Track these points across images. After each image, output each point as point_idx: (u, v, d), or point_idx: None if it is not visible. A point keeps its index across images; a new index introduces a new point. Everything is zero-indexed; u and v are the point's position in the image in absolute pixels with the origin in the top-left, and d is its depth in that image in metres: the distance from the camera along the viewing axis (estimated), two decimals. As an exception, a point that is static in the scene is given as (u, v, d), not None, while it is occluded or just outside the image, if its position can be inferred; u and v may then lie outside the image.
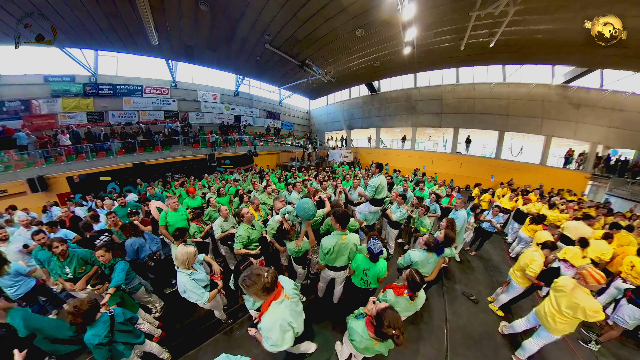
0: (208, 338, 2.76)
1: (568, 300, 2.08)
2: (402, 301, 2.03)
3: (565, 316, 2.09)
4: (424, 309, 3.20)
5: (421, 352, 2.62)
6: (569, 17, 6.31)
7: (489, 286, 3.86)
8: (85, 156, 8.88)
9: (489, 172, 11.30)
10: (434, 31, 8.12)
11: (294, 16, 7.45)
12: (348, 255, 2.46)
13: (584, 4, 5.73)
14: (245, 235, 2.82)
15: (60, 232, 3.55)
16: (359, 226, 3.18)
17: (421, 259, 2.52)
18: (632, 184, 8.49)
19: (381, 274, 2.34)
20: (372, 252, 2.25)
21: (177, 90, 12.85)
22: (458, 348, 2.70)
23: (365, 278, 2.36)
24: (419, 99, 14.05)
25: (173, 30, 8.38)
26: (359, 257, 2.42)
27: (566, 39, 7.25)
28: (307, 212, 2.34)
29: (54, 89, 9.79)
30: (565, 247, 3.54)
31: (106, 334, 1.68)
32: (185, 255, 2.08)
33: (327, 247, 2.38)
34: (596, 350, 2.78)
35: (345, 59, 10.79)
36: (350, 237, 2.43)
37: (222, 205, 4.86)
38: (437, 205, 4.81)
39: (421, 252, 2.54)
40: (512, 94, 11.37)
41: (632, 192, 8.35)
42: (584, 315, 2.00)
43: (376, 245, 2.25)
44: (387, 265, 2.43)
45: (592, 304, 2.00)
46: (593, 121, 10.11)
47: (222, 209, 3.55)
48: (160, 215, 3.55)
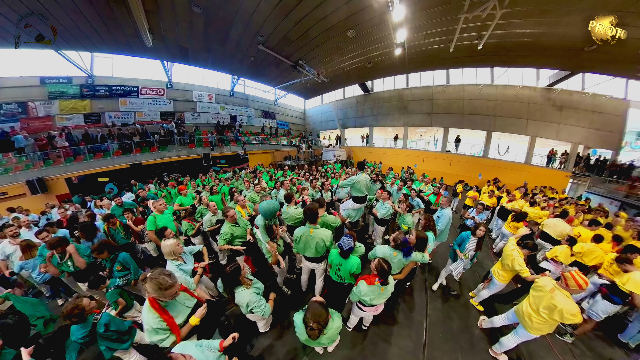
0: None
1: (546, 301, 2.03)
2: (373, 289, 2.08)
3: (541, 316, 2.05)
4: (406, 303, 3.28)
5: (400, 345, 2.63)
6: (554, 21, 6.38)
7: (471, 281, 3.89)
8: (83, 157, 8.75)
9: (477, 170, 11.39)
10: (423, 33, 8.07)
11: (285, 17, 7.32)
12: (315, 248, 2.53)
13: (568, 9, 5.81)
14: (229, 233, 2.86)
15: (59, 232, 3.53)
16: (340, 223, 3.13)
17: (385, 254, 2.47)
18: (609, 182, 8.77)
19: (353, 270, 2.31)
20: (342, 247, 2.26)
21: (172, 91, 12.62)
22: (436, 341, 2.71)
23: (339, 272, 2.37)
24: (411, 99, 14.05)
25: (167, 32, 8.19)
26: (333, 252, 2.44)
27: (550, 42, 7.34)
28: (267, 213, 2.66)
29: (50, 90, 9.55)
30: (554, 247, 3.57)
31: (83, 336, 1.72)
32: (168, 248, 2.20)
33: (296, 236, 2.61)
34: (570, 342, 2.83)
35: (337, 60, 10.68)
36: (318, 232, 2.51)
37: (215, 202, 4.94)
38: (419, 199, 4.80)
39: (387, 248, 2.53)
40: (500, 95, 11.50)
41: (608, 190, 8.62)
42: (561, 317, 1.94)
43: (346, 242, 2.25)
44: (360, 262, 2.40)
45: (569, 306, 1.93)
46: (575, 122, 10.35)
47: (210, 205, 3.62)
48: (148, 220, 3.39)
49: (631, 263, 2.65)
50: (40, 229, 2.97)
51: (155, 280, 1.48)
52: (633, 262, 2.67)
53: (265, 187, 5.85)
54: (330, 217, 3.03)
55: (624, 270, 2.68)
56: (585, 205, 6.52)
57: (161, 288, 1.48)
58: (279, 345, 2.57)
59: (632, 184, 8.02)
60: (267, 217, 2.73)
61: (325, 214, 3.03)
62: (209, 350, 1.41)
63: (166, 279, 1.50)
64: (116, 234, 3.42)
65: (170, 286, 1.51)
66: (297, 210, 3.36)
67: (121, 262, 2.61)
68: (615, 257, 2.85)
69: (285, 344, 2.58)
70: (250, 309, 1.93)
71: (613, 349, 2.81)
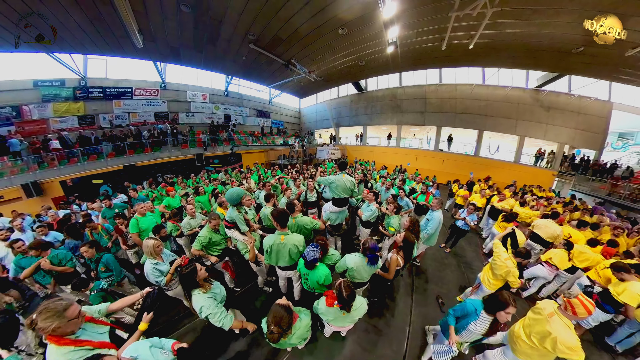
0: (183, 326, 2.71)
1: (540, 326, 1.70)
2: (333, 311, 1.77)
3: (531, 341, 1.71)
4: (389, 309, 3.08)
5: (378, 354, 2.48)
6: (544, 22, 6.28)
7: (459, 284, 3.74)
8: (77, 160, 8.49)
9: (468, 168, 11.29)
10: (415, 31, 7.85)
11: (275, 16, 7.03)
12: (289, 255, 2.29)
13: (557, 10, 5.74)
14: (207, 237, 2.68)
15: (50, 234, 3.45)
16: (319, 226, 2.83)
17: (356, 264, 2.16)
18: (592, 180, 8.94)
19: (322, 281, 2.04)
20: (305, 258, 1.99)
21: (166, 92, 12.24)
22: (416, 350, 2.55)
23: (307, 282, 2.15)
24: (404, 97, 13.85)
25: (157, 33, 7.87)
26: (300, 261, 2.18)
27: (540, 44, 7.28)
28: (232, 199, 2.53)
29: (44, 93, 9.22)
30: (549, 250, 3.44)
31: None
32: (148, 248, 2.21)
33: (266, 246, 2.31)
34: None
35: (330, 58, 10.39)
36: (290, 238, 2.27)
37: (201, 203, 4.70)
38: (408, 199, 4.60)
39: (357, 257, 2.20)
40: (491, 95, 11.44)
41: (592, 188, 8.79)
42: (553, 347, 1.56)
43: (310, 252, 1.99)
44: (330, 272, 2.13)
45: (566, 337, 1.54)
46: (561, 123, 10.45)
47: (187, 207, 3.46)
48: (131, 223, 3.28)
49: (629, 272, 2.43)
50: (14, 239, 2.82)
51: (47, 308, 1.22)
52: (630, 272, 2.45)
53: (252, 188, 5.65)
54: (305, 218, 2.76)
55: (619, 278, 2.48)
56: (573, 204, 6.50)
57: (59, 312, 1.22)
58: (256, 349, 2.42)
59: (614, 183, 8.17)
60: (232, 202, 2.54)
61: (300, 215, 2.78)
62: (163, 353, 1.35)
63: (60, 301, 1.27)
64: (100, 239, 3.34)
65: (69, 305, 1.27)
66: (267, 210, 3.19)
67: (104, 263, 2.58)
68: (611, 263, 2.63)
69: (263, 346, 2.43)
70: (205, 316, 1.69)
71: (600, 353, 2.70)
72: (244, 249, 2.79)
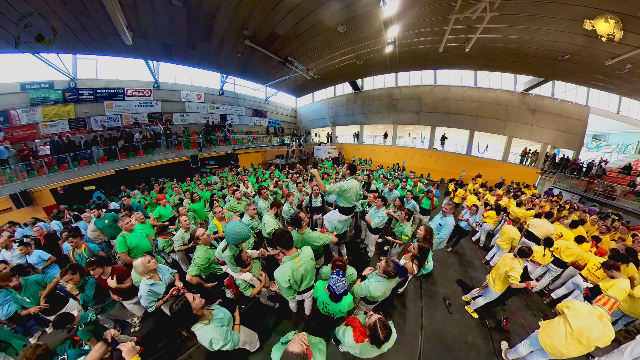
0: (185, 351, 2.51)
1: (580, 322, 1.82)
2: (361, 346, 1.52)
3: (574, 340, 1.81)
4: (400, 315, 3.04)
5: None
6: (535, 29, 6.41)
7: (462, 280, 3.82)
8: (67, 166, 7.92)
9: (461, 167, 11.59)
10: (414, 31, 7.71)
11: (272, 10, 6.61)
12: (311, 274, 2.04)
13: (548, 19, 5.90)
14: (205, 257, 2.34)
15: (34, 253, 3.08)
16: (329, 240, 2.50)
17: (383, 292, 1.94)
18: (571, 178, 9.61)
19: (345, 310, 1.83)
20: (334, 292, 1.71)
21: (160, 92, 11.55)
22: (431, 354, 2.55)
23: (326, 309, 1.90)
24: (400, 97, 13.83)
25: (148, 29, 7.28)
26: (318, 287, 1.91)
27: (530, 50, 7.52)
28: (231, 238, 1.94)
29: (32, 97, 8.51)
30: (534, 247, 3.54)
31: None
32: (140, 268, 2.03)
33: (285, 280, 1.84)
34: None
35: (328, 56, 10.07)
36: (304, 256, 1.95)
37: (195, 211, 4.27)
38: (415, 202, 4.55)
39: (382, 284, 1.94)
40: (482, 97, 11.69)
41: (570, 185, 9.41)
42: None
43: (339, 285, 1.69)
44: (352, 299, 1.92)
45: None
46: (545, 125, 10.95)
47: (181, 220, 3.10)
48: (117, 242, 2.84)
49: (618, 269, 2.60)
50: None
51: None
52: (620, 269, 2.63)
53: (249, 193, 5.12)
54: (313, 234, 2.40)
55: (610, 275, 2.64)
56: (559, 202, 6.80)
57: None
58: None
59: (589, 181, 8.74)
60: (232, 242, 1.98)
61: (308, 230, 2.41)
62: None
63: None
64: (81, 261, 2.76)
65: None
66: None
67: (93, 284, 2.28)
68: (602, 262, 2.82)
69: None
70: (218, 348, 1.51)
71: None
72: (243, 284, 2.23)
